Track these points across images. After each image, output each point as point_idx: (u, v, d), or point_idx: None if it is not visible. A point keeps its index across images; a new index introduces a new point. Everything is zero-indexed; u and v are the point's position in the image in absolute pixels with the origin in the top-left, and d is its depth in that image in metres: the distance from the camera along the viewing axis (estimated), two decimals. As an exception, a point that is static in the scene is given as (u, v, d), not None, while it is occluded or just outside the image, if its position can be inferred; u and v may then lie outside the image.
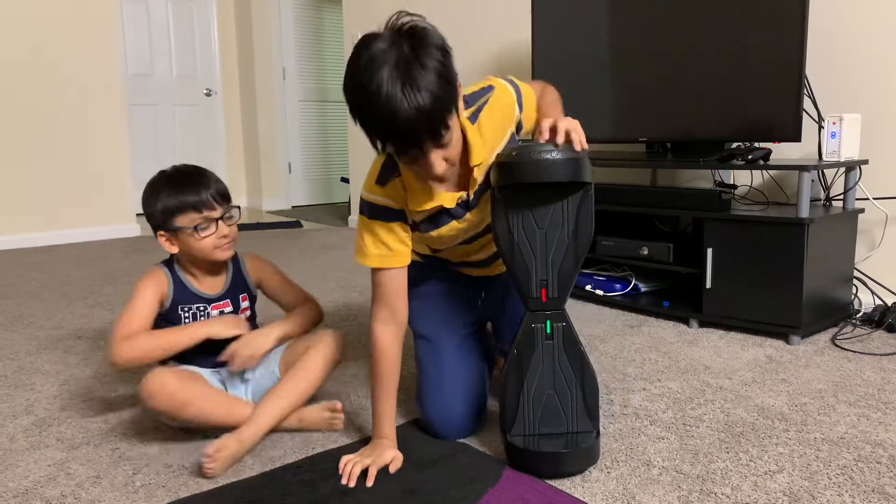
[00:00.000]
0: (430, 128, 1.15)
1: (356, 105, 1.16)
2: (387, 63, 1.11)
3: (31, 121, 4.10)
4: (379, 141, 1.18)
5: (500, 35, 3.53)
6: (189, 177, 1.53)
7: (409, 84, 1.10)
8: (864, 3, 2.30)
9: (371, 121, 1.15)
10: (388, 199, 1.35)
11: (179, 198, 1.50)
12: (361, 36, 1.18)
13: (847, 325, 2.24)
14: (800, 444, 1.44)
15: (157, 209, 1.51)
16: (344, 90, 1.18)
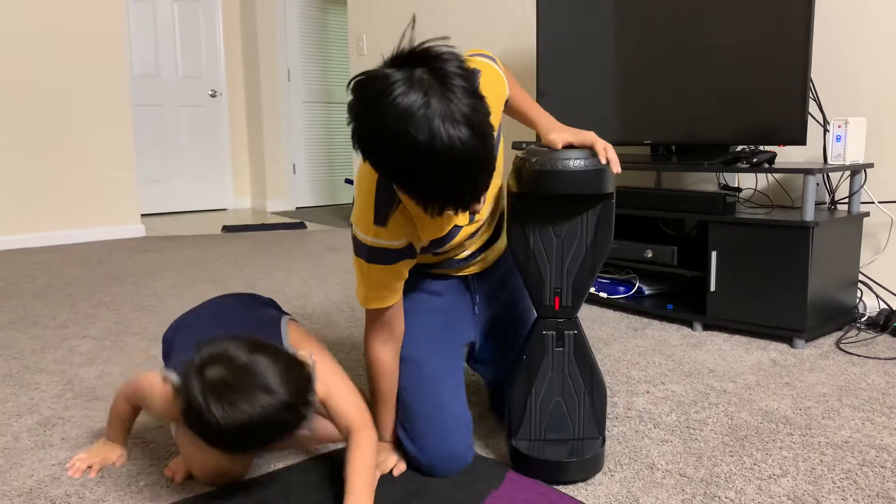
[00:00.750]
0: (489, 167, 1.03)
1: (398, 165, 0.99)
2: (419, 104, 0.95)
3: (37, 121, 4.12)
4: (427, 205, 1.02)
5: (505, 39, 3.53)
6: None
7: (451, 121, 0.95)
8: (869, 7, 2.29)
9: (421, 189, 1.00)
10: (390, 239, 1.20)
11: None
12: (363, 80, 0.99)
13: (852, 328, 2.24)
14: (804, 448, 1.43)
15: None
16: (374, 150, 1.00)
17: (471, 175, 1.00)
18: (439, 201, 1.02)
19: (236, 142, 5.95)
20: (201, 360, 1.07)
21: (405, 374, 1.38)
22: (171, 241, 4.26)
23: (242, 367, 1.06)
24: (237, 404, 1.02)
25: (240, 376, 1.04)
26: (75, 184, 4.28)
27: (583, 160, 1.21)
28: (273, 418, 1.05)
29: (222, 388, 1.03)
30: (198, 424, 1.05)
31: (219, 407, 1.02)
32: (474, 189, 1.03)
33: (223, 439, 1.05)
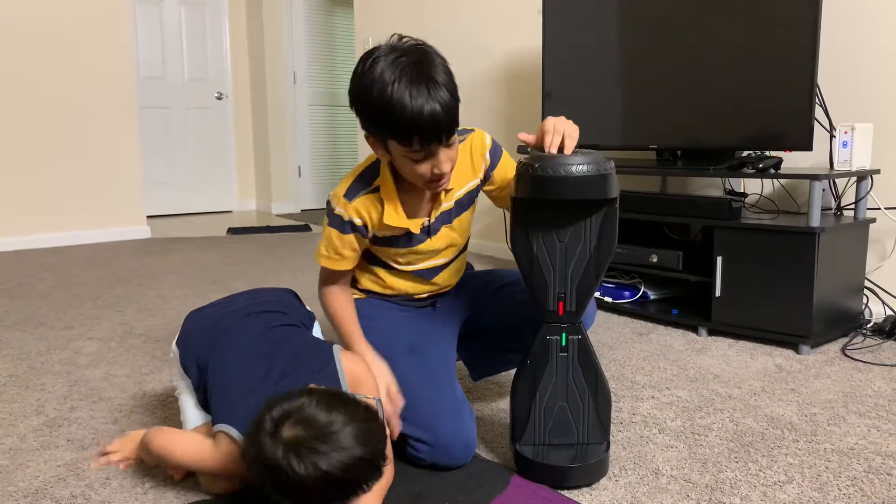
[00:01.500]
0: (450, 123, 1.24)
1: (377, 105, 1.22)
2: (404, 67, 1.21)
3: (43, 122, 4.13)
4: (403, 136, 1.23)
5: (511, 43, 3.54)
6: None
7: (431, 83, 1.21)
8: (876, 13, 2.29)
9: (396, 118, 1.21)
10: (351, 215, 1.39)
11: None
12: (364, 52, 1.27)
13: (857, 335, 2.23)
14: (809, 455, 1.43)
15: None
16: (358, 95, 1.26)
17: (433, 120, 1.21)
18: (405, 132, 1.22)
19: (242, 144, 5.96)
20: (276, 418, 1.06)
21: (398, 371, 1.41)
22: (177, 243, 4.27)
23: (321, 427, 1.05)
24: (318, 464, 1.02)
25: (319, 437, 1.04)
26: (81, 185, 4.29)
27: (586, 165, 1.20)
28: (353, 475, 1.06)
29: (301, 447, 1.03)
30: (275, 482, 1.05)
31: (300, 464, 1.02)
32: (437, 135, 1.24)
33: (303, 495, 1.05)
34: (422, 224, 1.44)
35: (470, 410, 1.39)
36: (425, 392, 1.38)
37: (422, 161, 1.28)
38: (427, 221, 1.44)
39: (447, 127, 1.24)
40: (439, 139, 1.25)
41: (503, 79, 3.61)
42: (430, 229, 1.45)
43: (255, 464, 1.06)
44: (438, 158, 1.28)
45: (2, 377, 1.92)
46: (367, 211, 1.40)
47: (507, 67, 3.58)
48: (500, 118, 3.66)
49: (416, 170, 1.30)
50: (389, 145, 1.29)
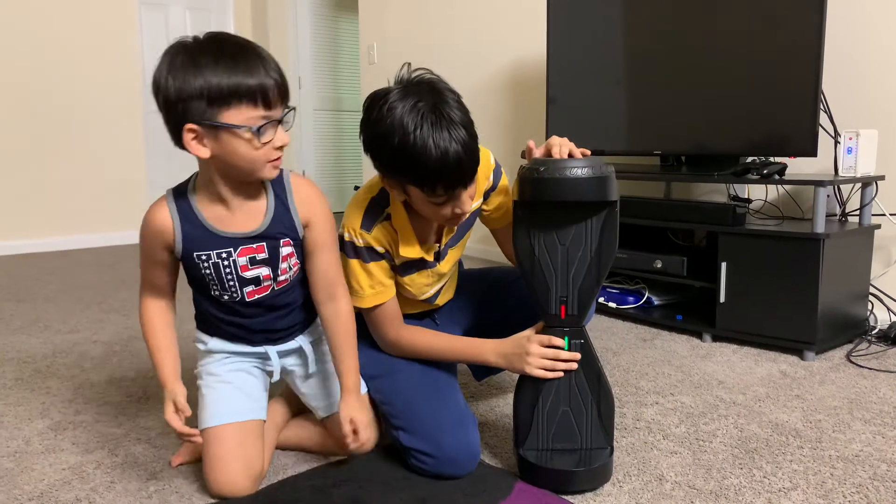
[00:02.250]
0: (472, 165, 1.23)
1: (398, 153, 1.20)
2: (423, 113, 1.18)
3: (48, 126, 4.15)
4: (427, 184, 1.22)
5: (516, 48, 3.55)
6: (243, 53, 1.11)
7: (451, 125, 1.19)
8: (881, 19, 2.29)
9: (420, 167, 1.19)
10: (372, 243, 1.36)
11: (236, 79, 1.08)
12: (372, 94, 1.25)
13: (862, 341, 2.23)
14: (814, 462, 1.43)
15: (196, 88, 1.07)
16: (376, 142, 1.23)
17: (457, 165, 1.20)
18: (430, 180, 1.21)
19: (246, 148, 5.97)
20: None
21: (400, 381, 1.41)
22: (181, 247, 4.28)
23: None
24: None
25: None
26: (87, 189, 4.31)
27: (585, 168, 1.22)
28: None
29: None
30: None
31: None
32: (462, 180, 1.23)
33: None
34: (434, 251, 1.44)
35: (473, 419, 1.38)
36: (428, 403, 1.37)
37: (443, 204, 1.27)
38: (438, 247, 1.45)
39: (470, 170, 1.24)
40: (463, 184, 1.25)
41: (508, 85, 3.62)
42: (439, 254, 1.46)
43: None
44: (461, 199, 1.28)
45: (7, 380, 1.93)
46: (385, 239, 1.38)
47: (512, 74, 3.59)
48: (505, 124, 3.67)
49: (438, 211, 1.29)
50: (409, 190, 1.28)
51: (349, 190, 6.19)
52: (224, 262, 1.25)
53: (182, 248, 1.24)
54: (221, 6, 5.71)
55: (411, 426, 1.35)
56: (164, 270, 1.30)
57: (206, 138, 1.12)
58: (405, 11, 4.22)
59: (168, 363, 1.30)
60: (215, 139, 1.12)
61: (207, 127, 1.10)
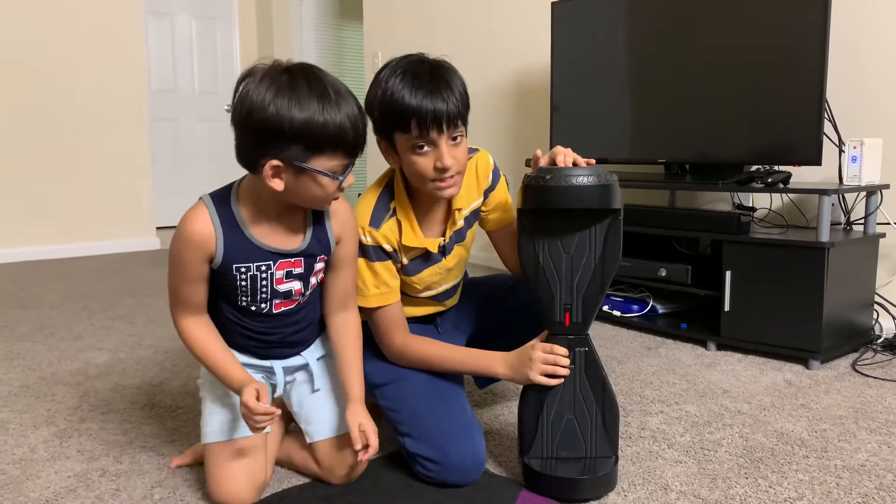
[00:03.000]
0: (451, 114, 1.27)
1: (383, 98, 1.28)
2: (413, 63, 1.30)
3: (55, 133, 4.17)
4: (403, 121, 1.27)
5: (520, 55, 3.56)
6: (344, 98, 1.13)
7: (437, 79, 1.28)
8: (885, 27, 2.29)
9: (397, 103, 1.26)
10: (382, 241, 1.38)
11: (336, 128, 1.11)
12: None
13: (867, 350, 2.22)
14: (820, 471, 1.42)
15: (297, 129, 1.08)
16: (370, 96, 1.32)
17: (440, 105, 1.27)
18: (414, 113, 1.26)
19: (251, 156, 5.99)
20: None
21: (407, 388, 1.41)
22: (186, 255, 4.29)
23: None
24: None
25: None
26: (92, 197, 4.32)
27: (588, 176, 1.23)
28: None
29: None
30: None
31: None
32: (439, 121, 1.27)
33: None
34: (438, 244, 1.45)
35: (479, 427, 1.38)
36: (433, 409, 1.37)
37: (425, 153, 1.30)
38: (443, 241, 1.46)
39: (448, 115, 1.27)
40: (438, 126, 1.27)
41: (512, 93, 3.63)
42: (445, 248, 1.47)
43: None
44: (440, 151, 1.29)
45: (13, 387, 1.93)
46: (393, 236, 1.39)
47: (516, 82, 3.60)
48: (509, 132, 3.68)
49: (421, 166, 1.31)
50: (396, 142, 1.32)
51: (353, 197, 6.21)
52: (262, 274, 1.24)
53: (222, 259, 1.20)
54: (227, 15, 5.75)
55: (417, 433, 1.35)
56: (202, 285, 1.22)
57: (285, 174, 1.13)
58: (410, 20, 4.24)
59: (239, 369, 1.24)
60: (295, 178, 1.13)
61: (294, 167, 1.11)
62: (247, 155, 1.13)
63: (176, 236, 1.20)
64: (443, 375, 1.45)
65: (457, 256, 1.50)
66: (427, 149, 1.30)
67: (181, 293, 1.22)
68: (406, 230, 1.39)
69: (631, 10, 2.68)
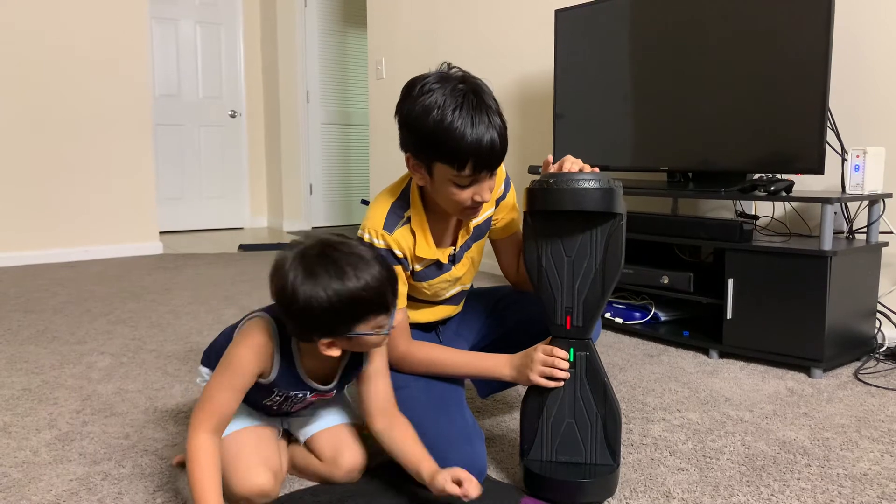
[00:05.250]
0: (503, 151, 1.29)
1: (435, 128, 1.25)
2: (465, 94, 1.26)
3: (59, 138, 4.19)
4: (458, 160, 1.26)
5: (524, 64, 3.57)
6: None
7: (489, 110, 1.27)
8: (889, 36, 2.30)
9: (456, 142, 1.24)
10: (393, 246, 1.39)
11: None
12: (412, 78, 1.31)
13: (870, 359, 2.22)
14: (822, 480, 1.42)
15: (341, 308, 1.16)
16: (413, 118, 1.28)
17: (493, 148, 1.26)
18: (462, 157, 1.25)
19: (254, 162, 6.02)
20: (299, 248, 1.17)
21: (407, 397, 1.40)
22: (189, 259, 4.30)
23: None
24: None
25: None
26: (96, 201, 4.34)
27: (591, 181, 1.26)
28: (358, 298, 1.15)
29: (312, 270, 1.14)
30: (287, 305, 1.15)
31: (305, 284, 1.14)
32: (491, 164, 1.28)
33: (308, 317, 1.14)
34: (449, 253, 1.47)
35: (480, 435, 1.38)
36: (434, 417, 1.37)
37: (466, 187, 1.31)
38: (454, 250, 1.47)
39: (501, 154, 1.29)
40: (491, 167, 1.29)
41: (515, 101, 3.64)
42: (455, 257, 1.48)
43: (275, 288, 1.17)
44: (482, 186, 1.32)
45: (15, 390, 1.94)
46: (405, 243, 1.40)
47: (520, 89, 3.61)
48: (513, 139, 3.67)
49: (458, 196, 1.32)
50: (435, 169, 1.31)
51: (355, 204, 6.22)
52: (297, 395, 1.33)
53: (270, 382, 1.28)
54: (231, 21, 5.78)
55: (433, 429, 1.35)
56: (240, 396, 1.25)
57: (338, 343, 1.20)
58: (414, 27, 4.26)
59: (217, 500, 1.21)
60: (350, 343, 1.21)
61: (346, 338, 1.20)
62: (301, 335, 1.22)
63: (245, 342, 1.24)
64: (442, 383, 1.45)
65: (466, 265, 1.52)
66: (470, 184, 1.31)
67: (218, 399, 1.22)
68: (420, 241, 1.41)
69: (634, 19, 2.69)
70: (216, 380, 1.24)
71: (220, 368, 1.24)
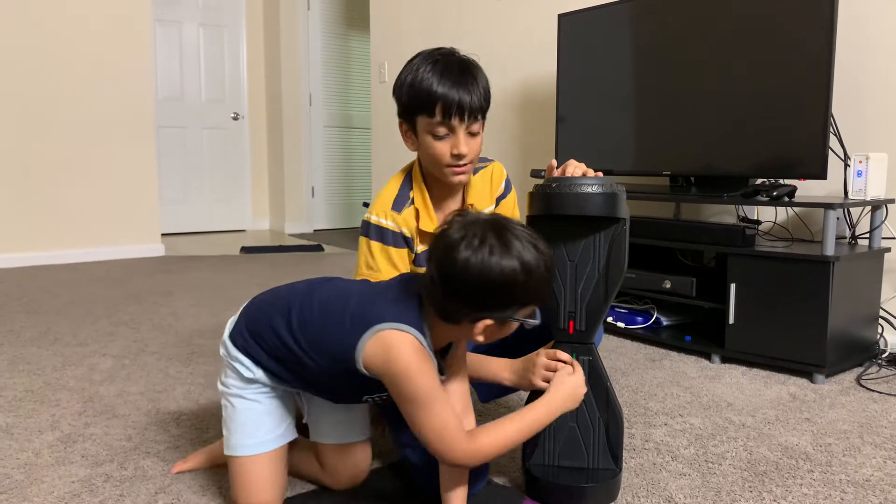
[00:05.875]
0: (473, 105, 1.35)
1: (412, 83, 1.36)
2: (445, 55, 1.38)
3: (62, 140, 4.20)
4: (428, 104, 1.34)
5: (526, 67, 3.57)
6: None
7: (465, 73, 1.36)
8: (892, 42, 2.30)
9: (424, 89, 1.34)
10: (400, 225, 1.45)
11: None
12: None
13: (873, 365, 2.22)
14: (825, 486, 1.42)
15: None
16: (399, 80, 1.39)
17: (461, 94, 1.34)
18: (432, 95, 1.34)
19: (257, 164, 6.02)
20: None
21: None
22: (191, 262, 4.30)
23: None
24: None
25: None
26: (98, 203, 4.34)
27: (595, 186, 1.26)
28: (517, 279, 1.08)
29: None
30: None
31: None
32: (461, 109, 1.34)
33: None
34: None
35: None
36: None
37: (443, 138, 1.37)
38: None
39: (471, 108, 1.35)
40: (461, 115, 1.34)
41: (518, 104, 3.64)
42: None
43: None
44: (458, 138, 1.37)
45: (18, 392, 1.94)
46: (412, 221, 1.46)
47: (522, 93, 3.62)
48: (515, 143, 3.69)
49: (437, 149, 1.38)
50: (417, 125, 1.39)
51: (357, 207, 6.23)
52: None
53: None
54: (235, 23, 5.79)
55: (417, 443, 1.34)
56: (445, 394, 1.16)
57: (493, 326, 1.15)
58: (416, 30, 4.27)
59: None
60: (500, 326, 1.16)
61: (504, 317, 1.13)
62: (461, 312, 1.11)
63: (408, 357, 1.11)
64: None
65: None
66: (446, 135, 1.37)
67: (440, 396, 1.13)
68: (423, 216, 1.46)
69: (637, 23, 2.69)
70: (426, 396, 1.11)
71: (415, 404, 1.12)
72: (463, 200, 1.52)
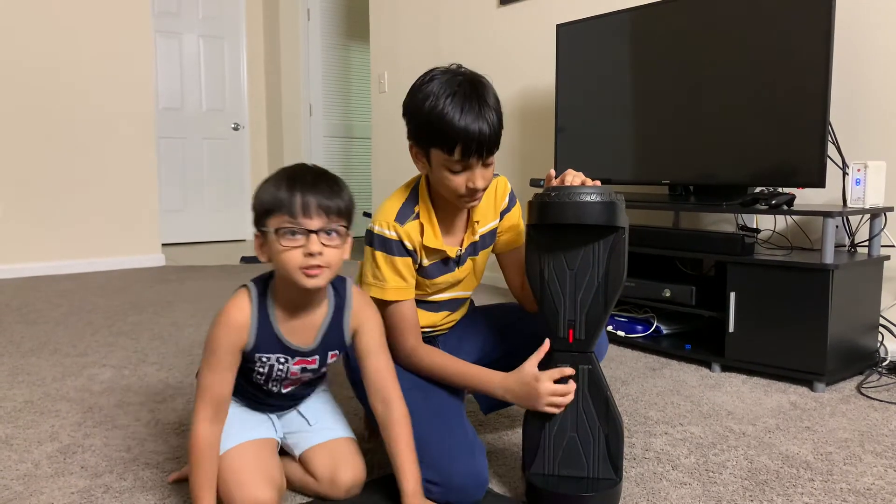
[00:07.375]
0: (492, 142, 1.34)
1: (429, 114, 1.32)
2: (461, 84, 1.33)
3: (62, 150, 4.21)
4: (447, 144, 1.32)
5: (525, 78, 3.59)
6: (304, 175, 1.23)
7: (483, 103, 1.33)
8: (889, 50, 2.31)
9: (445, 126, 1.31)
10: (403, 237, 1.43)
11: (277, 193, 1.21)
12: (422, 73, 1.39)
13: (873, 373, 2.21)
14: (825, 495, 1.41)
15: (256, 200, 1.25)
16: (412, 105, 1.36)
17: (480, 135, 1.31)
18: (450, 140, 1.31)
19: (257, 174, 6.03)
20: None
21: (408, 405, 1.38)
22: (191, 272, 4.30)
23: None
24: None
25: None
26: (98, 213, 4.35)
27: (593, 195, 1.26)
28: None
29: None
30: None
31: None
32: (480, 150, 1.33)
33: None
34: (456, 251, 1.49)
35: (481, 448, 1.37)
36: (436, 431, 1.36)
37: (459, 173, 1.35)
38: (459, 250, 1.50)
39: (489, 145, 1.33)
40: (480, 154, 1.33)
41: (517, 114, 3.65)
42: (459, 259, 1.51)
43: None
44: (474, 173, 1.35)
45: (17, 402, 1.93)
46: (415, 236, 1.44)
47: (522, 103, 3.63)
48: (514, 153, 3.69)
49: (453, 182, 1.36)
50: (432, 154, 1.36)
51: (358, 217, 6.23)
52: (280, 365, 1.32)
53: (251, 348, 1.28)
54: (235, 35, 5.82)
55: (418, 455, 1.33)
56: (231, 373, 1.26)
57: (261, 242, 1.25)
58: (416, 40, 4.28)
59: (211, 497, 1.23)
60: (265, 242, 1.24)
61: (260, 230, 1.24)
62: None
63: (218, 321, 1.25)
64: (441, 394, 1.45)
65: (467, 269, 1.54)
66: (463, 170, 1.35)
67: (210, 383, 1.24)
68: (427, 233, 1.44)
69: (635, 32, 2.70)
70: (202, 366, 1.26)
71: (203, 354, 1.27)
72: (468, 216, 1.51)
